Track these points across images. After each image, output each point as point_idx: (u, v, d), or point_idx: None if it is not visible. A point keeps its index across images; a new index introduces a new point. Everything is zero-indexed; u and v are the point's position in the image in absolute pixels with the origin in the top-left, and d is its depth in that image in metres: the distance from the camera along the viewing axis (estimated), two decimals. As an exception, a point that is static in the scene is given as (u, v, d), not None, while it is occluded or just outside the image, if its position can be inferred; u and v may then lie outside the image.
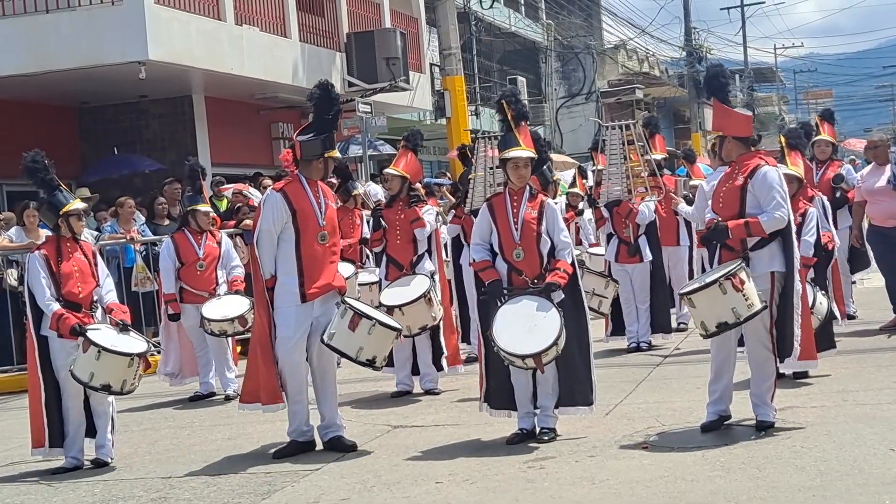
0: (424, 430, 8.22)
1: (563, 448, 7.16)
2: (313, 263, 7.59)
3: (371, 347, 7.52)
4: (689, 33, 46.63)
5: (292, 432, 7.72)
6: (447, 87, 22.66)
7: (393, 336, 7.69)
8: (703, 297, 6.98)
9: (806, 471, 6.14)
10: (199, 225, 10.52)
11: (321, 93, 7.74)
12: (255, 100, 19.93)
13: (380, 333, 7.54)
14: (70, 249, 7.98)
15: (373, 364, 7.62)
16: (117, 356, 7.68)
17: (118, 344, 7.76)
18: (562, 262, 7.48)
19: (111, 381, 7.70)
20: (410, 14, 24.79)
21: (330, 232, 7.71)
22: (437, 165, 30.84)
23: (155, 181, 17.00)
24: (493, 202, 7.70)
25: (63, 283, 7.85)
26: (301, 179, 7.72)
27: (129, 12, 15.68)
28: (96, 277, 8.04)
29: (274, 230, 7.58)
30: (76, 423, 7.92)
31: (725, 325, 6.96)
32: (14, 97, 17.04)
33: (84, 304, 7.91)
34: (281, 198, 7.61)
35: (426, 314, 9.51)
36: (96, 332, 7.77)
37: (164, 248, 10.70)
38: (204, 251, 10.43)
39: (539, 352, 7.10)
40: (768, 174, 7.17)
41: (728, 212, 7.19)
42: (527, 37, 38.78)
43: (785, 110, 70.90)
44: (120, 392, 7.79)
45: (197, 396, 10.57)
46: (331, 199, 7.88)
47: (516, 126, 7.68)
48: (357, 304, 7.73)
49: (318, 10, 21.17)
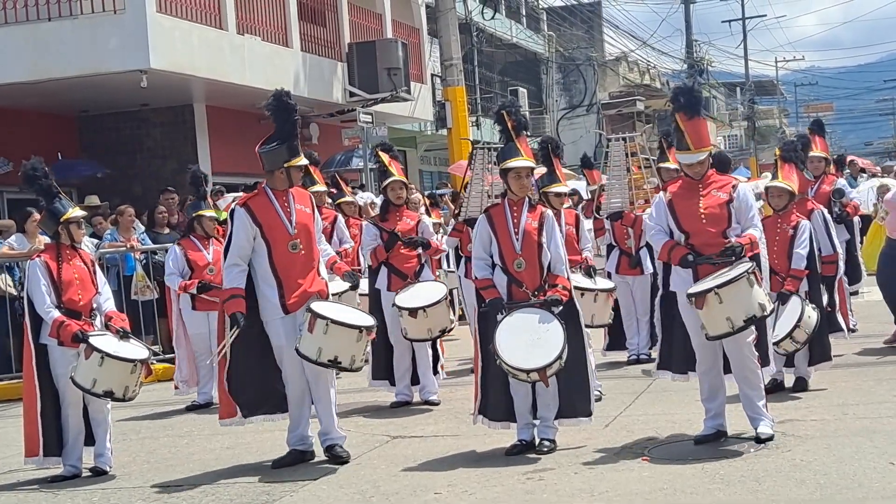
0: (423, 441, 8.21)
1: (562, 459, 7.15)
2: (289, 273, 7.55)
3: (329, 347, 7.33)
4: (691, 46, 46.72)
5: (292, 441, 7.71)
6: (448, 98, 22.66)
7: (353, 335, 7.42)
8: (732, 290, 6.89)
9: (806, 484, 6.13)
10: (206, 230, 10.51)
11: (276, 102, 7.70)
12: (256, 109, 19.89)
13: (335, 332, 7.32)
14: (70, 257, 7.97)
15: (337, 364, 7.39)
16: (120, 362, 7.66)
17: (120, 350, 7.74)
18: (560, 279, 7.48)
19: (114, 388, 7.67)
20: (412, 24, 24.83)
21: (304, 239, 7.61)
22: (438, 176, 30.86)
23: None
24: (491, 213, 7.67)
25: (64, 290, 7.84)
26: (266, 191, 7.70)
27: (130, 21, 15.70)
28: (96, 285, 8.03)
29: (246, 245, 7.57)
30: (75, 431, 7.90)
31: (753, 319, 6.93)
32: (15, 105, 17.05)
33: (84, 312, 7.89)
34: (244, 212, 7.60)
35: (446, 317, 9.58)
36: (99, 338, 7.76)
37: (171, 255, 10.66)
38: (213, 256, 10.41)
39: (544, 366, 7.09)
40: (747, 191, 7.38)
41: (715, 227, 7.21)
42: (528, 48, 38.84)
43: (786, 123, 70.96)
44: (122, 399, 7.77)
45: (193, 406, 10.53)
46: (306, 205, 7.73)
47: (517, 136, 7.68)
48: (321, 305, 7.52)
49: (319, 20, 21.21)
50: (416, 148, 29.02)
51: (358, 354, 7.48)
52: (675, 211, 7.33)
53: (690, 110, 7.36)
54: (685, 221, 7.28)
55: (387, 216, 9.91)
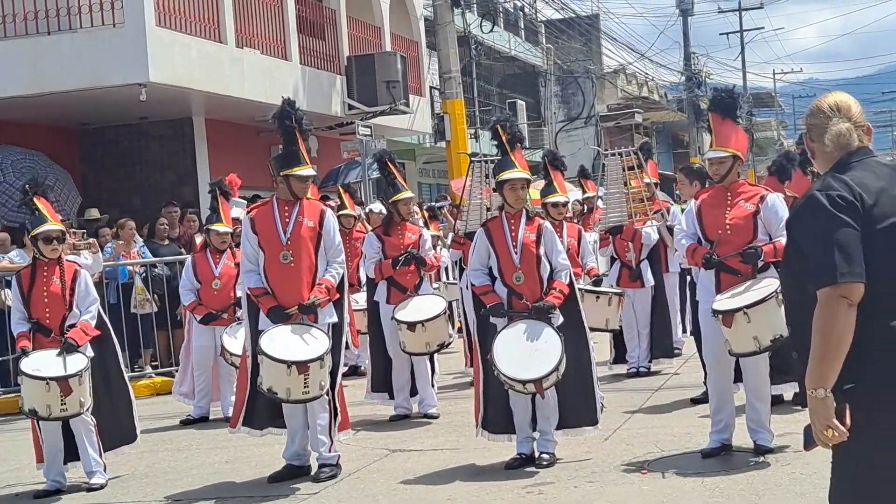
0: (423, 455, 8.19)
1: (562, 473, 7.14)
2: (277, 283, 7.57)
3: (267, 378, 7.29)
4: (689, 58, 46.72)
5: (287, 456, 7.69)
6: (447, 111, 22.67)
7: (282, 369, 7.19)
8: (761, 310, 6.88)
9: (805, 497, 6.12)
10: (214, 244, 10.51)
11: (279, 111, 7.75)
12: (255, 122, 19.94)
13: (267, 364, 7.26)
14: (47, 273, 7.84)
15: (274, 395, 7.28)
16: (33, 381, 7.51)
17: (42, 368, 7.53)
18: (558, 283, 7.48)
19: (36, 406, 7.52)
20: (411, 38, 24.85)
21: (297, 251, 7.59)
22: (437, 188, 30.87)
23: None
24: (489, 226, 7.68)
25: (33, 306, 7.78)
26: (273, 200, 7.75)
27: (130, 34, 15.70)
28: (69, 302, 7.83)
29: (252, 252, 7.65)
30: (52, 447, 7.81)
31: (779, 339, 6.88)
32: (15, 118, 17.05)
33: (54, 329, 7.78)
34: (247, 220, 7.76)
35: (445, 331, 9.57)
36: (33, 355, 7.61)
37: (186, 266, 10.76)
38: (221, 270, 10.39)
39: (540, 377, 7.09)
40: (776, 202, 7.28)
41: (739, 238, 7.18)
42: (526, 61, 38.88)
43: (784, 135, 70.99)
44: (47, 418, 7.58)
45: (188, 420, 10.48)
46: (311, 219, 7.69)
47: (511, 149, 7.70)
48: (277, 332, 7.41)
49: (318, 33, 21.22)
50: (414, 160, 29.03)
51: (294, 387, 7.24)
52: (702, 219, 7.33)
53: (725, 111, 7.39)
54: (710, 231, 7.28)
55: (390, 230, 9.92)
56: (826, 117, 3.65)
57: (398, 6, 24.33)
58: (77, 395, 7.53)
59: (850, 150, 3.60)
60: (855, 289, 3.36)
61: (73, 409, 7.57)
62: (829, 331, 3.36)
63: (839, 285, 3.35)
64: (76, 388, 7.51)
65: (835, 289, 3.35)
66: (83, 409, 7.64)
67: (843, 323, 3.36)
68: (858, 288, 3.37)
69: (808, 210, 3.48)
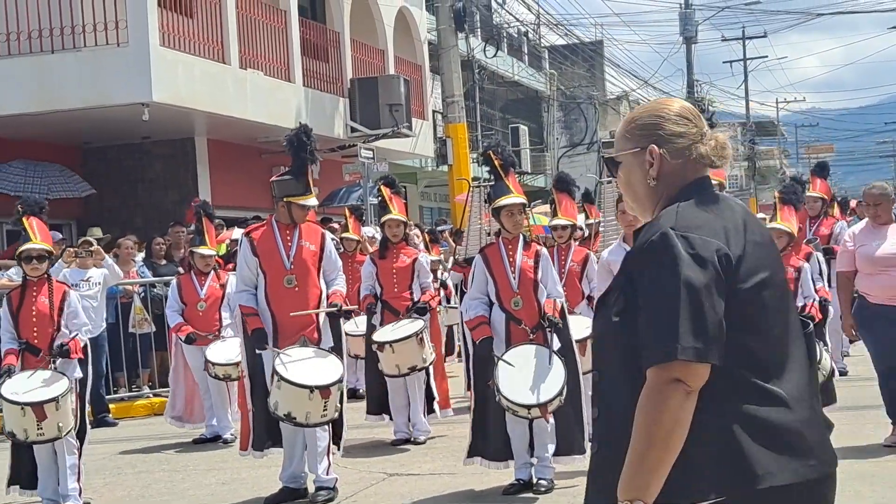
0: (420, 479, 8.16)
1: (560, 499, 7.10)
2: (281, 308, 7.53)
3: (284, 403, 7.24)
4: (692, 86, 46.86)
5: (284, 478, 7.66)
6: (449, 135, 22.69)
7: (304, 394, 7.17)
8: None
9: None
10: (198, 266, 10.49)
11: (295, 137, 7.72)
12: (258, 143, 19.98)
13: (286, 389, 7.21)
14: (35, 292, 7.79)
15: (292, 420, 7.26)
16: (9, 405, 7.44)
17: (20, 392, 7.43)
18: (550, 301, 7.48)
19: (13, 429, 7.47)
20: (414, 61, 24.92)
21: (300, 275, 7.58)
22: (439, 212, 30.88)
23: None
24: (486, 252, 7.67)
25: (21, 326, 7.74)
26: (272, 223, 7.72)
27: (134, 54, 15.74)
28: (55, 322, 7.76)
29: (248, 273, 7.61)
30: (45, 465, 7.76)
31: None
32: (18, 136, 17.07)
33: (43, 349, 7.72)
34: (246, 242, 7.68)
35: (416, 354, 9.36)
36: (15, 377, 7.54)
37: (171, 287, 10.78)
38: (206, 292, 10.40)
39: (545, 402, 7.05)
40: None
41: None
42: (530, 86, 38.98)
43: (786, 164, 71.08)
44: (24, 441, 7.51)
45: (201, 439, 10.44)
46: (312, 242, 7.70)
47: (505, 174, 7.69)
48: (289, 355, 7.36)
49: (322, 55, 21.28)
50: (416, 184, 29.06)
51: (314, 411, 7.24)
52: None
53: None
54: None
55: (385, 253, 9.92)
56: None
57: (402, 30, 24.40)
58: (54, 421, 7.38)
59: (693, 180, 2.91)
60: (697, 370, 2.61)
61: (49, 434, 7.44)
62: (654, 422, 2.59)
63: (675, 363, 2.59)
64: (52, 413, 7.35)
65: (668, 368, 2.60)
66: (62, 434, 7.48)
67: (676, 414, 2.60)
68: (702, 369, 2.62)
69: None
